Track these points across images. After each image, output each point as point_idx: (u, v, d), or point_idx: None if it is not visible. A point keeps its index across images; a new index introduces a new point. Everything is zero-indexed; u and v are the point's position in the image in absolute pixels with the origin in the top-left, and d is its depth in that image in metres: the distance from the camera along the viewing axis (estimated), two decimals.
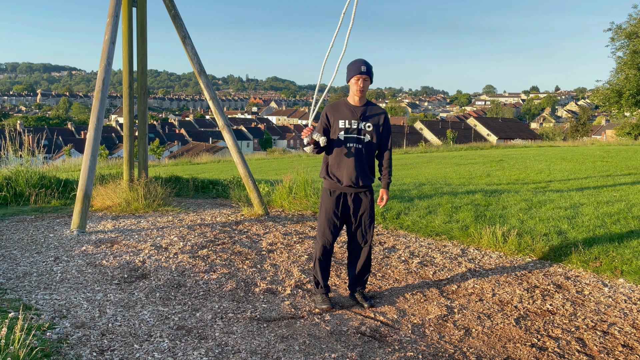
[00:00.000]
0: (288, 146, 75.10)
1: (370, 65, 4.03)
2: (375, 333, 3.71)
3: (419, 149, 25.04)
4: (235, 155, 7.40)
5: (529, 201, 7.47)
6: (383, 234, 6.35)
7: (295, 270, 5.00)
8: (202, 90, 7.53)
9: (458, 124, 68.23)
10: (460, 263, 5.26)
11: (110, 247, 5.60)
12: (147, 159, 7.79)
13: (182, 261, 5.14)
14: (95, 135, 6.53)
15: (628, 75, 29.98)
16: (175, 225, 6.55)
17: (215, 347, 3.41)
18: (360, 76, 3.98)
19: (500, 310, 4.14)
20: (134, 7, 7.41)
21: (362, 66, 3.98)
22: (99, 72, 6.69)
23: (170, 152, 55.37)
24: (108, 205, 7.42)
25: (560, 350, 3.48)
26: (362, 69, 3.97)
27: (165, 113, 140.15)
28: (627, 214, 6.57)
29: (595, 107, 78.28)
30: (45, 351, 3.18)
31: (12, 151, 8.43)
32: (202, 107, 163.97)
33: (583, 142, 28.84)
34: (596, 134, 65.82)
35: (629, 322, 3.92)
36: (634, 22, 29.43)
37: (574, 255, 5.24)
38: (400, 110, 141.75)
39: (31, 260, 5.12)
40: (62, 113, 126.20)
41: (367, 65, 3.99)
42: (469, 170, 12.02)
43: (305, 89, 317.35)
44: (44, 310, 3.88)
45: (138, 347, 3.37)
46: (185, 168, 16.76)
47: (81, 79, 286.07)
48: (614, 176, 10.30)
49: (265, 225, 6.65)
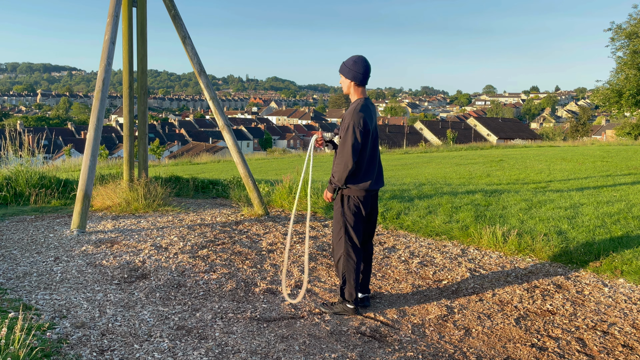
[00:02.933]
0: (288, 146, 75.12)
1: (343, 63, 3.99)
2: (375, 333, 3.71)
3: (419, 149, 25.03)
4: (235, 155, 7.40)
5: (529, 201, 7.48)
6: (383, 234, 6.35)
7: (295, 270, 5.00)
8: (202, 90, 7.53)
9: (458, 124, 68.23)
10: (460, 263, 5.26)
11: (110, 247, 5.60)
12: (147, 159, 7.79)
13: (182, 261, 5.14)
14: (95, 135, 6.53)
15: (628, 75, 29.98)
16: (175, 225, 6.55)
17: (215, 347, 3.41)
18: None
19: (500, 310, 4.14)
20: (134, 7, 7.41)
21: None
22: (99, 72, 6.69)
23: (170, 152, 55.37)
24: (108, 205, 7.42)
25: (560, 350, 3.48)
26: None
27: (165, 113, 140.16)
28: (627, 214, 6.57)
29: (595, 107, 78.31)
30: (45, 351, 3.18)
31: (12, 151, 8.43)
32: (202, 107, 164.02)
33: (583, 142, 28.83)
34: (596, 134, 65.81)
35: (629, 322, 3.92)
36: (634, 22, 29.42)
37: (574, 255, 5.24)
38: (400, 110, 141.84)
39: (31, 260, 5.12)
40: (62, 113, 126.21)
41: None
42: (469, 170, 12.02)
43: (305, 89, 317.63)
44: (44, 310, 3.88)
45: (138, 347, 3.37)
46: (185, 168, 16.76)
47: (81, 79, 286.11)
48: (614, 176, 10.30)
49: (265, 225, 6.65)
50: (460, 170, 12.10)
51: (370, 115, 3.92)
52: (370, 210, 4.07)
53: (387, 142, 37.10)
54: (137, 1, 7.40)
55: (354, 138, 3.79)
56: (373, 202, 4.09)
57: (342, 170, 3.85)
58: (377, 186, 4.04)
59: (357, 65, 3.90)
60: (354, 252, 3.96)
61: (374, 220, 4.19)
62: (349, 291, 3.98)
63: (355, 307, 4.00)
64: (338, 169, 3.87)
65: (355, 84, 3.93)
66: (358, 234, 3.98)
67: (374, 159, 4.00)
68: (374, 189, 4.01)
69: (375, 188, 4.02)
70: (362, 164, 3.91)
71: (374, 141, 3.98)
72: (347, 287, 3.98)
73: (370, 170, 3.96)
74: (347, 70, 3.92)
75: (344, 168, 3.84)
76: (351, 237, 3.97)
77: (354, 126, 3.80)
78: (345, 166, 3.83)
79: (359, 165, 3.90)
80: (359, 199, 3.96)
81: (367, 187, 3.93)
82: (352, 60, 3.92)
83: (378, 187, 4.06)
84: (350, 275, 3.96)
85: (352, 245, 3.97)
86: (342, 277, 4.00)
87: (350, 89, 3.97)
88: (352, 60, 3.93)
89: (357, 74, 3.90)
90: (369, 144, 3.91)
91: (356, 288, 3.99)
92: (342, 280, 4.00)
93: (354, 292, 3.98)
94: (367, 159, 3.93)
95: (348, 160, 3.82)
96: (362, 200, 3.96)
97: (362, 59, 3.92)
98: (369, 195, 4.01)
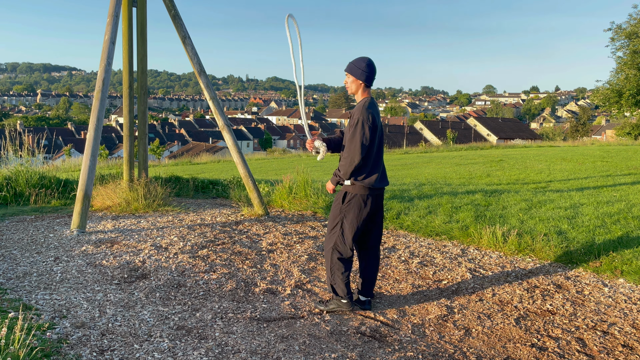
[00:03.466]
0: (288, 146, 75.11)
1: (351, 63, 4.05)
2: (375, 333, 3.71)
3: (419, 149, 25.03)
4: (235, 155, 7.40)
5: (529, 201, 7.48)
6: (383, 234, 6.35)
7: (295, 270, 5.01)
8: (202, 90, 7.53)
9: (458, 124, 68.23)
10: (460, 263, 5.26)
11: (110, 247, 5.60)
12: (147, 159, 7.79)
13: (182, 261, 5.14)
14: (95, 135, 6.53)
15: (628, 75, 29.98)
16: (175, 225, 6.55)
17: (215, 347, 3.41)
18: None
19: (500, 310, 4.14)
20: (134, 7, 7.41)
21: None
22: (99, 72, 6.69)
23: (170, 152, 55.38)
24: (108, 205, 7.42)
25: (560, 350, 3.48)
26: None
27: (165, 113, 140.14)
28: (627, 214, 6.57)
29: (595, 107, 78.33)
30: (45, 351, 3.18)
31: (12, 151, 8.43)
32: (202, 107, 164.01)
33: (583, 142, 28.84)
34: (596, 134, 65.82)
35: (629, 322, 3.92)
36: (634, 22, 29.42)
37: (574, 255, 5.24)
38: (400, 110, 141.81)
39: (31, 260, 5.12)
40: (62, 113, 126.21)
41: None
42: (469, 170, 12.02)
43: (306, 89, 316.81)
44: (44, 310, 3.88)
45: (138, 347, 3.37)
46: (185, 168, 16.76)
47: (81, 79, 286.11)
48: (614, 176, 10.30)
49: (265, 225, 6.65)
50: (460, 170, 12.10)
51: (378, 112, 3.99)
52: (373, 210, 4.04)
53: (387, 142, 37.15)
54: (137, 1, 7.40)
55: (362, 133, 3.83)
56: (378, 201, 4.07)
57: (348, 165, 3.88)
58: (382, 184, 4.04)
59: (369, 68, 3.98)
60: (343, 247, 3.98)
61: (380, 222, 4.16)
62: (340, 287, 4.00)
63: (349, 301, 4.01)
64: (345, 163, 3.90)
65: (364, 85, 4.00)
66: (353, 231, 3.98)
67: (380, 157, 4.03)
68: (379, 187, 4.01)
69: (381, 186, 4.02)
70: (369, 161, 3.92)
71: (380, 139, 4.01)
72: (337, 282, 4.00)
73: (376, 167, 3.98)
74: (360, 72, 3.98)
75: (350, 162, 3.86)
76: (344, 232, 3.98)
77: (363, 121, 3.84)
78: (352, 160, 3.85)
79: (366, 162, 3.91)
80: (362, 197, 3.96)
81: (372, 183, 3.93)
82: (365, 63, 3.97)
83: (383, 185, 4.05)
84: (338, 269, 3.98)
85: (342, 240, 3.98)
86: (330, 270, 4.02)
87: (359, 89, 4.03)
88: (364, 62, 3.98)
89: (369, 75, 3.99)
90: (377, 141, 3.95)
91: (346, 283, 4.00)
92: (330, 275, 4.03)
93: (344, 287, 3.99)
94: (374, 156, 3.95)
95: (355, 154, 3.84)
96: (364, 200, 3.96)
97: (372, 62, 4.01)
98: (373, 194, 3.99)
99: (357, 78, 4.00)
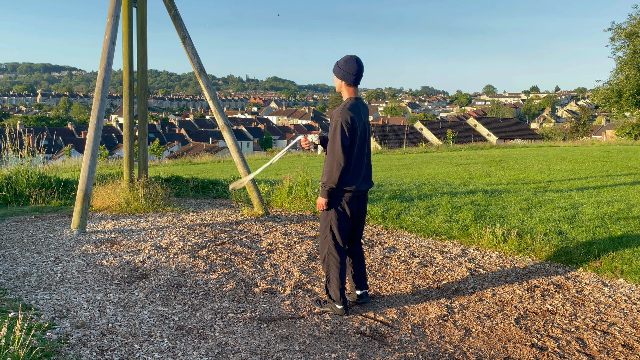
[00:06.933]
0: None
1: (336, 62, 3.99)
2: (375, 333, 3.71)
3: (419, 149, 25.03)
4: (235, 155, 7.40)
5: (529, 201, 7.48)
6: (383, 234, 6.35)
7: (295, 270, 5.01)
8: (202, 90, 7.54)
9: (458, 124, 68.19)
10: (460, 263, 5.26)
11: (110, 247, 5.60)
12: (147, 159, 7.79)
13: (182, 261, 5.14)
14: (95, 135, 6.53)
15: (628, 75, 29.98)
16: (175, 225, 6.55)
17: (215, 347, 3.41)
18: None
19: (500, 310, 4.14)
20: (134, 7, 7.41)
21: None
22: (99, 72, 6.69)
23: (170, 152, 55.36)
24: (108, 205, 7.42)
25: (560, 350, 3.48)
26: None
27: (165, 113, 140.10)
28: (627, 214, 6.56)
29: (595, 107, 78.26)
30: (45, 351, 3.18)
31: (12, 151, 8.43)
32: (202, 107, 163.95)
33: (583, 142, 28.83)
34: (596, 134, 65.82)
35: (629, 322, 3.92)
36: (634, 22, 29.43)
37: (574, 255, 5.24)
38: (400, 110, 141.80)
39: (31, 260, 5.12)
40: (62, 113, 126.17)
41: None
42: (469, 170, 12.02)
43: (305, 89, 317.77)
44: (44, 310, 3.88)
45: (138, 347, 3.37)
46: (185, 168, 16.76)
47: (81, 79, 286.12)
48: (614, 176, 10.30)
49: (265, 225, 6.65)
50: (460, 170, 12.10)
51: (359, 114, 3.87)
52: (356, 209, 4.03)
53: (387, 142, 37.11)
54: (137, 1, 7.40)
55: (342, 135, 3.77)
56: (361, 202, 4.06)
57: (334, 169, 3.80)
58: (364, 187, 4.00)
59: (347, 65, 3.87)
60: (337, 251, 3.99)
61: (364, 219, 4.19)
62: (333, 290, 3.99)
63: (343, 308, 4.01)
64: (329, 169, 3.83)
65: (346, 84, 3.90)
66: (342, 233, 3.98)
67: (361, 160, 3.94)
68: (361, 190, 3.99)
69: (362, 189, 3.99)
70: (349, 165, 3.86)
71: (362, 142, 3.93)
72: (331, 285, 4.00)
73: (357, 171, 3.91)
74: (338, 69, 3.91)
75: (337, 166, 3.80)
76: (335, 236, 3.98)
77: (341, 124, 3.77)
78: (338, 164, 3.79)
79: (346, 165, 3.85)
80: (344, 199, 3.94)
81: (352, 188, 3.90)
82: (344, 60, 3.89)
83: (365, 189, 4.02)
84: (334, 273, 3.98)
85: (335, 244, 3.99)
86: (326, 274, 4.04)
87: (341, 88, 3.95)
88: (343, 60, 3.90)
89: (347, 74, 3.87)
90: (357, 143, 3.87)
91: (341, 288, 3.99)
92: (326, 278, 4.04)
93: (338, 292, 3.98)
94: (354, 159, 3.88)
95: (340, 157, 3.78)
96: (347, 201, 3.94)
97: (353, 59, 3.88)
98: (355, 196, 3.98)
99: (338, 77, 3.93)
